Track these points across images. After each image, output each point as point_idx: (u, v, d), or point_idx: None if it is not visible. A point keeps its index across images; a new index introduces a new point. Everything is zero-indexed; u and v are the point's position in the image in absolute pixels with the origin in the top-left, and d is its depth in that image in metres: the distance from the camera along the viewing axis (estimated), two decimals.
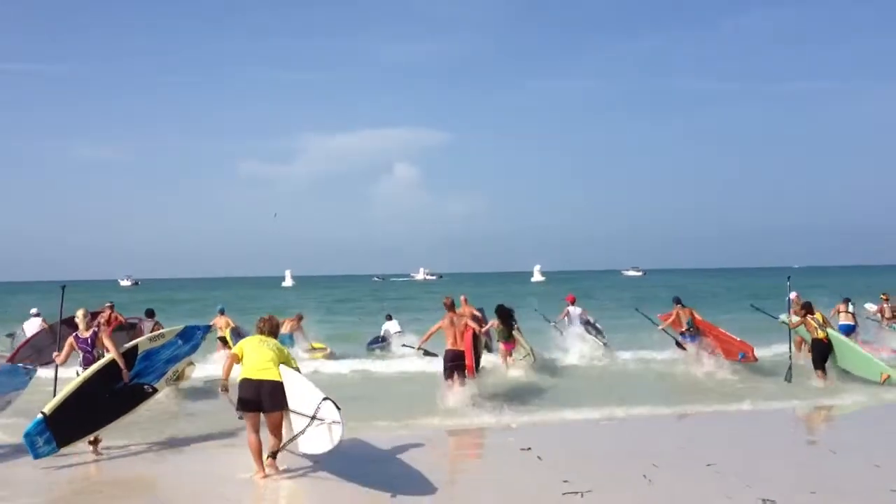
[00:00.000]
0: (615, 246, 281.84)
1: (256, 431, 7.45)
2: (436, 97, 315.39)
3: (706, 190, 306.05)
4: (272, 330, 7.84)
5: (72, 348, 8.82)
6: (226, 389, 7.66)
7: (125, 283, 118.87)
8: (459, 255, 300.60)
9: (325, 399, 7.11)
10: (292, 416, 7.39)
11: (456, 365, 11.79)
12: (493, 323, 15.24)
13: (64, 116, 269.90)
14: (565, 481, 7.00)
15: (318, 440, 7.15)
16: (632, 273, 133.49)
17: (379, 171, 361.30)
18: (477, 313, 14.74)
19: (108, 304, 15.71)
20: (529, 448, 8.44)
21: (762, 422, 10.72)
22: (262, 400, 7.34)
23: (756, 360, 15.12)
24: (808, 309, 14.05)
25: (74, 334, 8.91)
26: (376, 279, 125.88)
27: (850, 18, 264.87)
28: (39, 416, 7.72)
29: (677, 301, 16.46)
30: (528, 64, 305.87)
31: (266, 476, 7.43)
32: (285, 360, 7.60)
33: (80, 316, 9.01)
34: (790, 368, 13.85)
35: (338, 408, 7.06)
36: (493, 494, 6.97)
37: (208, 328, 9.45)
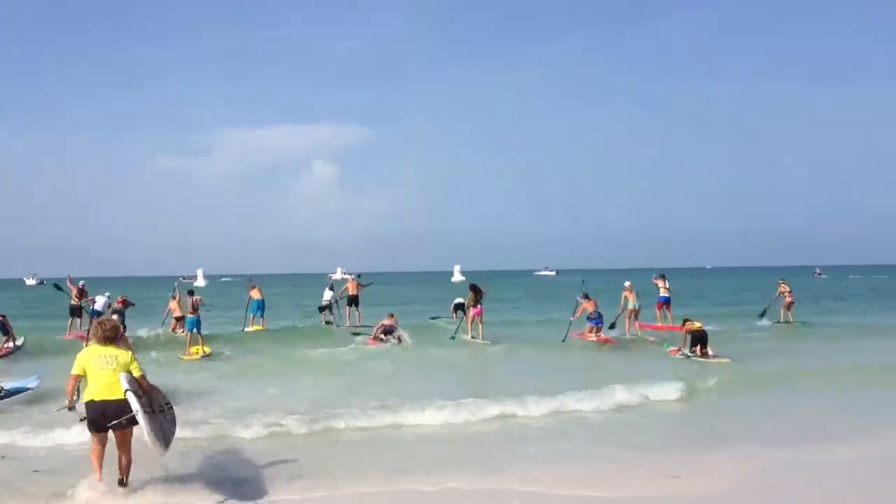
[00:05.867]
0: (530, 247, 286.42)
1: (103, 445, 7.61)
2: (355, 93, 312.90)
3: (620, 192, 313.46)
4: (107, 335, 7.68)
5: None
6: (72, 408, 7.71)
7: (31, 282, 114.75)
8: (380, 254, 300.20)
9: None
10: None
11: None
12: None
13: None
14: None
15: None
16: (545, 273, 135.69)
17: (298, 168, 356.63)
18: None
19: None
20: None
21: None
22: (109, 421, 7.36)
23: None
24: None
25: None
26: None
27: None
28: None
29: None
30: (447, 58, 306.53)
31: (101, 479, 7.55)
32: (126, 368, 7.51)
33: None
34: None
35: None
36: None
37: None
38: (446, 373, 16.69)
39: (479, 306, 21.76)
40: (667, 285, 24.35)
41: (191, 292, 21.68)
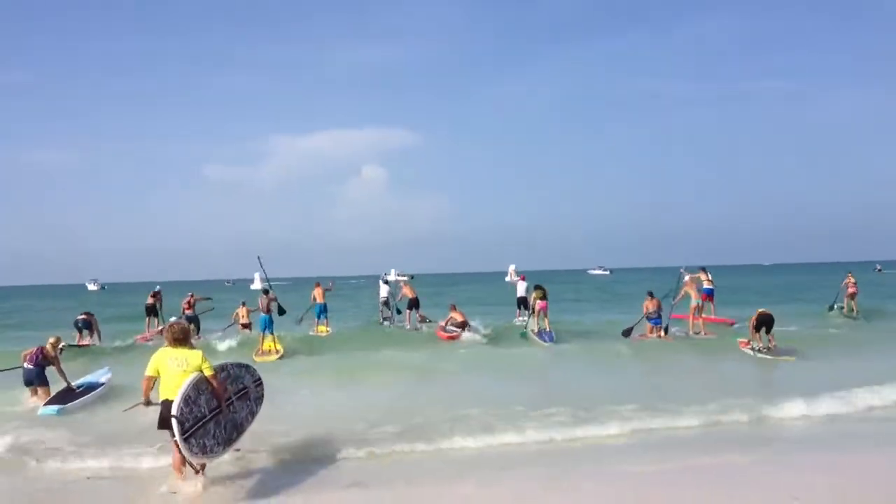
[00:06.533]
0: (581, 245, 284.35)
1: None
2: (403, 100, 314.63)
3: (672, 189, 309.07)
4: (176, 337, 7.87)
5: None
6: (149, 403, 7.93)
7: (92, 287, 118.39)
8: (429, 255, 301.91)
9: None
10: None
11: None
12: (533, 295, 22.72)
13: (26, 122, 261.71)
14: None
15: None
16: (598, 272, 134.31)
17: (346, 173, 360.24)
18: None
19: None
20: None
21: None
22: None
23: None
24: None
25: None
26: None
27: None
28: None
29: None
30: (490, 69, 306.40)
31: (185, 479, 7.84)
32: (197, 369, 7.74)
33: None
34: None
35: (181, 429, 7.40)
36: None
37: None
38: (519, 376, 15.91)
39: (545, 301, 22.33)
40: (709, 277, 24.18)
41: (265, 291, 20.68)
